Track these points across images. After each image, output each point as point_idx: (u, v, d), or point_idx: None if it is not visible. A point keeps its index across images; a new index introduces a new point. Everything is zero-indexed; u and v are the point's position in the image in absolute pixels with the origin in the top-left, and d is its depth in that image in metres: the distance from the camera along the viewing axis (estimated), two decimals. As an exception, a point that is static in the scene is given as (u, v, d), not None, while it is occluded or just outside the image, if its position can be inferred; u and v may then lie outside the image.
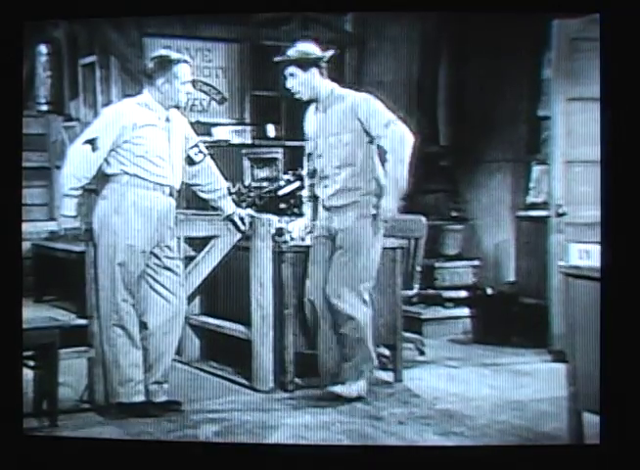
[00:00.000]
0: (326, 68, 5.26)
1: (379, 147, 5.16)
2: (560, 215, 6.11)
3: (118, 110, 5.03)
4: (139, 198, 4.90)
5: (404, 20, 7.14)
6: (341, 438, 4.66)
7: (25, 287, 6.06)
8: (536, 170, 7.02)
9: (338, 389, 5.17)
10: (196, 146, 5.19)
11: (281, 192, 6.21)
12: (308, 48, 5.25)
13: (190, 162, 5.15)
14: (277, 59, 5.30)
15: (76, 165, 4.90)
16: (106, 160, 4.90)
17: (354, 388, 5.18)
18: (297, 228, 5.50)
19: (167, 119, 5.00)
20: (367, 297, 5.21)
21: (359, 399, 5.18)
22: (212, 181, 5.25)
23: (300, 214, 5.72)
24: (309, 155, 5.36)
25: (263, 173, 7.17)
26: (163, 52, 5.09)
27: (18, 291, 4.59)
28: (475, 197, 7.43)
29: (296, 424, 4.84)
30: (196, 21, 7.07)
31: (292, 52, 5.25)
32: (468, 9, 5.08)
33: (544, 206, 6.56)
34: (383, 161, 5.16)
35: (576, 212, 6.02)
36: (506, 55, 7.01)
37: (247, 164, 7.15)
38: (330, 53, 5.29)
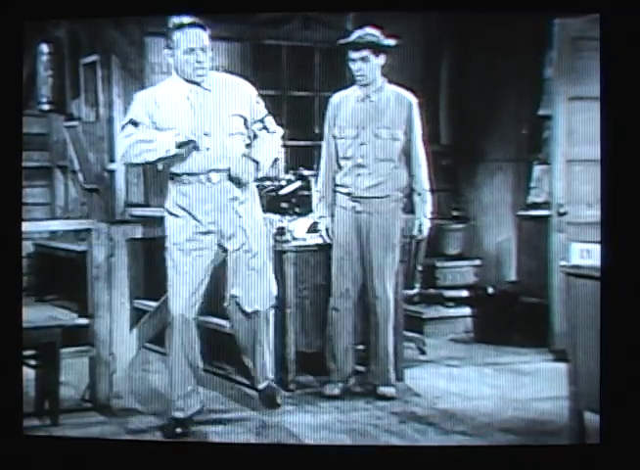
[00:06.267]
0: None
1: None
2: (561, 215, 6.11)
3: (147, 91, 4.84)
4: (182, 195, 4.73)
5: (406, 20, 7.12)
6: (342, 437, 4.67)
7: (27, 286, 6.07)
8: (537, 170, 7.01)
9: (386, 390, 5.31)
10: (261, 121, 4.93)
11: (282, 191, 6.20)
12: (379, 34, 5.19)
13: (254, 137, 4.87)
14: (350, 40, 5.16)
15: (133, 148, 4.67)
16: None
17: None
18: (298, 227, 5.51)
19: (187, 98, 4.72)
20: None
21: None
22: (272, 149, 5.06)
23: (302, 214, 5.73)
24: (338, 139, 5.26)
25: (264, 173, 7.15)
26: (175, 20, 4.72)
27: (18, 290, 4.59)
28: (476, 196, 7.43)
29: (297, 423, 4.85)
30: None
31: (367, 36, 5.15)
32: (469, 9, 5.07)
33: (545, 205, 6.56)
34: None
35: (577, 212, 6.03)
36: (507, 54, 7.01)
37: (248, 163, 7.13)
38: (394, 41, 5.25)
